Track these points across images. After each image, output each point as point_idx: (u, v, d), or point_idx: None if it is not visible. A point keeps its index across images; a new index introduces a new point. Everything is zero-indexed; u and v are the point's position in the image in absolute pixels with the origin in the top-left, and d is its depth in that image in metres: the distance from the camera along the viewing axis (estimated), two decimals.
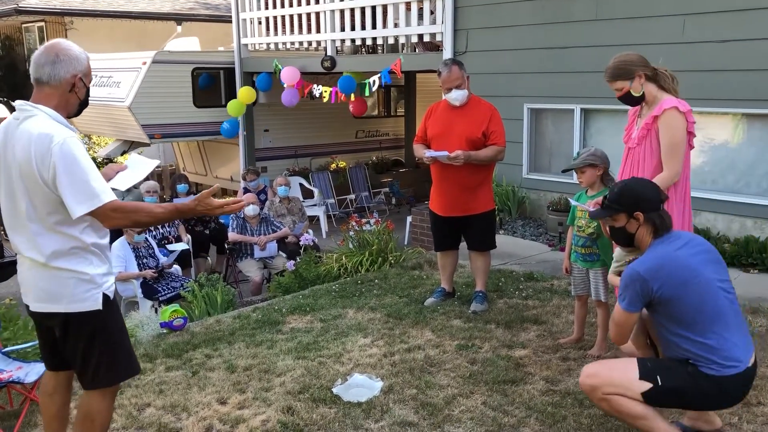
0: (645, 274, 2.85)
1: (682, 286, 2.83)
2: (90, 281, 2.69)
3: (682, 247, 2.94)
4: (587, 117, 7.62)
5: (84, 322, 2.71)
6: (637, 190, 3.08)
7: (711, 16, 6.45)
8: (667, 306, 2.87)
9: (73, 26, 15.51)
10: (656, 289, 2.83)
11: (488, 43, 8.27)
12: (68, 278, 2.68)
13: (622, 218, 3.05)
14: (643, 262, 2.91)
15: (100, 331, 2.74)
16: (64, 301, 2.68)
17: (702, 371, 2.83)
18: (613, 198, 3.09)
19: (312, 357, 4.35)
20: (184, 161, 13.80)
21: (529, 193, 8.10)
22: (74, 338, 2.74)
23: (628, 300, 2.89)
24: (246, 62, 11.70)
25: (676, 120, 3.52)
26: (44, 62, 2.66)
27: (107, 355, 2.76)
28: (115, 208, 2.62)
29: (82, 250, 2.68)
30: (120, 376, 2.87)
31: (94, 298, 2.70)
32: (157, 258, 7.10)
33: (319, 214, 10.99)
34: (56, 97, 2.69)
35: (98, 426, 2.83)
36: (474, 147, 4.88)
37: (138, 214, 2.72)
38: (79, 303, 2.69)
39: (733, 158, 6.53)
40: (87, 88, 2.78)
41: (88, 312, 2.70)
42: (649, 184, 3.15)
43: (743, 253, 5.99)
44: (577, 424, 3.40)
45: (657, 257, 2.92)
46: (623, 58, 3.66)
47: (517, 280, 5.89)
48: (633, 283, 2.88)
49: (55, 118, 2.66)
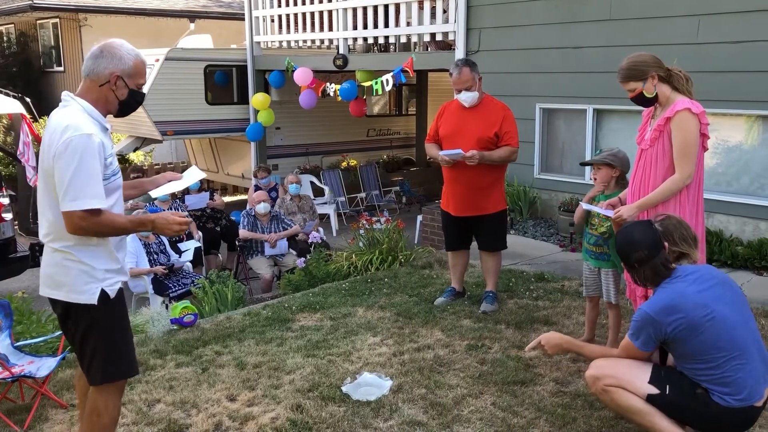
0: (656, 316, 2.82)
1: (696, 325, 2.78)
2: (90, 274, 2.70)
3: (692, 283, 2.87)
4: (600, 117, 7.58)
5: (80, 315, 2.73)
6: (635, 238, 2.99)
7: (726, 17, 6.40)
8: (683, 344, 2.83)
9: (87, 23, 15.60)
10: (669, 330, 2.80)
11: (501, 42, 8.25)
12: (71, 267, 2.70)
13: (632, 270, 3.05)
14: (654, 304, 2.87)
15: (95, 327, 2.74)
16: (64, 289, 2.71)
17: (712, 398, 2.80)
18: (620, 253, 3.10)
19: (321, 355, 4.35)
20: (196, 158, 13.86)
21: (540, 194, 8.07)
22: (72, 328, 2.78)
23: (643, 341, 2.89)
24: (258, 60, 11.72)
25: (689, 122, 3.49)
26: (90, 56, 2.73)
27: (100, 352, 2.75)
28: (82, 218, 2.58)
29: (88, 242, 2.70)
30: (109, 376, 2.79)
31: (92, 291, 2.70)
32: (169, 254, 7.13)
33: (329, 212, 11.00)
34: (94, 91, 2.73)
35: (105, 421, 2.83)
36: (485, 147, 4.86)
37: (101, 228, 2.65)
38: (76, 294, 2.70)
39: (747, 160, 6.48)
40: (130, 89, 2.77)
41: (84, 305, 2.71)
42: (638, 237, 2.99)
43: (756, 255, 5.95)
44: (587, 426, 3.38)
45: (666, 297, 2.87)
46: (636, 59, 3.63)
47: (527, 281, 5.87)
48: (645, 326, 2.85)
49: (88, 111, 2.69)
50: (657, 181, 3.56)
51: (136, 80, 2.79)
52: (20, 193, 10.27)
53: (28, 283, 7.64)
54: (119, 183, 2.80)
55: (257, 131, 11.49)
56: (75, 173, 2.55)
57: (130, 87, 2.77)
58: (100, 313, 2.73)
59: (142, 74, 2.82)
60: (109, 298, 2.75)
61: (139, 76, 2.80)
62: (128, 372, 2.86)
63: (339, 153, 13.23)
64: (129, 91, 2.78)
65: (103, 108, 2.75)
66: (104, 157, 2.66)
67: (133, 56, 2.77)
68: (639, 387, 2.90)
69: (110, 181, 2.71)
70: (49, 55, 16.86)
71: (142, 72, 2.81)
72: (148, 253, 6.92)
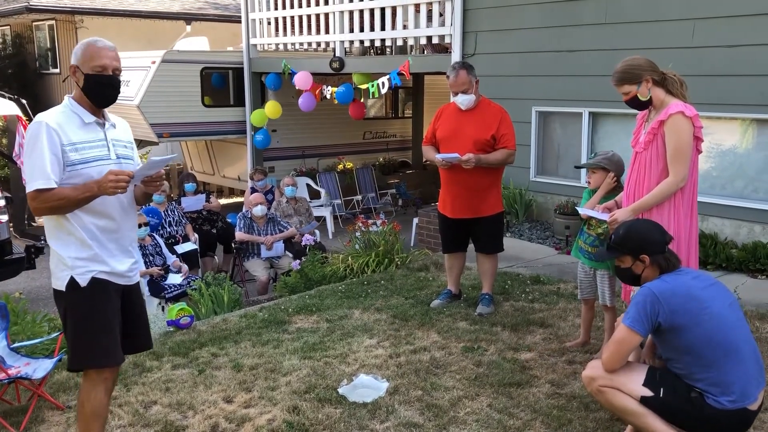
0: (659, 295, 2.84)
1: (694, 315, 2.81)
2: (61, 261, 2.83)
3: (694, 279, 2.93)
4: (595, 120, 7.61)
5: (58, 300, 2.90)
6: (641, 232, 3.07)
7: (720, 21, 6.43)
8: (677, 335, 2.84)
9: (83, 25, 15.57)
10: (668, 312, 2.81)
11: (497, 45, 8.27)
12: (52, 255, 2.89)
13: (627, 260, 3.07)
14: (658, 285, 2.90)
15: (68, 313, 2.87)
16: (52, 276, 2.92)
17: (707, 402, 2.81)
18: (617, 240, 3.09)
19: (318, 357, 4.36)
20: (192, 160, 13.85)
21: (536, 196, 8.09)
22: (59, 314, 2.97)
23: (633, 317, 2.86)
24: (255, 62, 11.73)
25: (682, 125, 3.51)
26: None
27: (72, 338, 2.87)
28: (33, 198, 2.74)
29: (60, 230, 2.83)
30: (74, 364, 2.89)
31: (62, 278, 2.83)
32: (165, 256, 7.13)
33: (325, 214, 11.01)
34: (74, 88, 2.90)
35: (86, 411, 2.89)
36: (482, 149, 4.88)
37: (51, 203, 2.73)
38: (54, 279, 2.89)
39: (741, 163, 6.51)
40: (85, 74, 2.81)
41: (57, 290, 2.88)
42: (653, 226, 3.14)
43: (751, 258, 5.98)
44: (583, 427, 3.40)
45: (671, 283, 2.90)
46: (631, 62, 3.65)
47: (523, 283, 5.89)
48: (644, 302, 2.85)
49: (70, 107, 2.86)
50: (652, 184, 3.57)
51: (89, 64, 2.82)
52: (15, 195, 10.26)
53: (24, 285, 7.63)
54: (93, 173, 2.79)
55: (265, 138, 11.49)
56: (27, 158, 2.75)
57: (85, 72, 2.82)
58: (71, 299, 2.83)
59: (95, 56, 2.82)
60: (79, 286, 2.81)
61: (92, 59, 2.82)
62: (101, 362, 2.88)
63: (335, 155, 13.24)
64: (84, 76, 2.82)
65: (84, 102, 2.87)
66: (61, 143, 2.74)
67: (85, 44, 2.86)
68: (633, 389, 2.92)
69: (77, 169, 2.77)
70: (45, 56, 16.82)
71: (93, 55, 2.82)
72: (144, 255, 6.92)
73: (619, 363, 2.95)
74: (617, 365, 2.95)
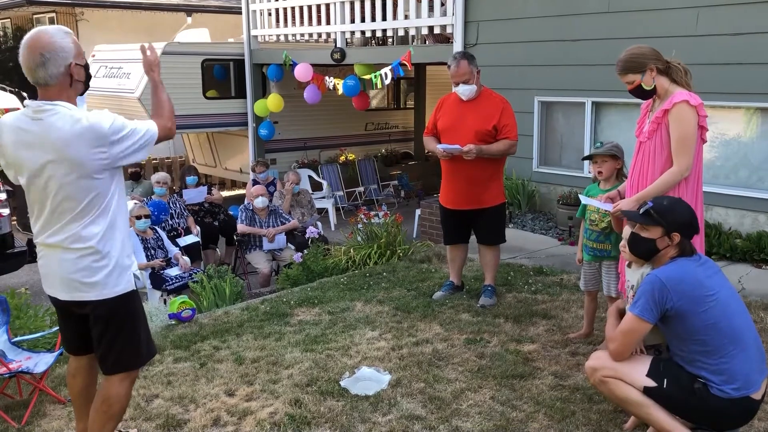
0: (666, 282, 2.80)
1: (700, 301, 2.79)
2: (119, 264, 2.85)
3: (700, 266, 2.90)
4: (598, 110, 7.56)
5: (118, 305, 2.89)
6: (685, 212, 2.98)
7: (725, 9, 6.37)
8: (682, 321, 2.81)
9: (84, 17, 15.54)
10: (675, 299, 2.78)
11: (499, 35, 8.22)
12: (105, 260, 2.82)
13: (656, 231, 2.92)
14: (665, 271, 2.86)
15: (136, 313, 2.94)
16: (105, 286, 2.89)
17: (711, 392, 2.80)
18: (659, 209, 2.94)
19: (320, 350, 4.34)
20: (193, 153, 13.82)
21: (539, 187, 8.06)
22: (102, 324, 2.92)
23: (642, 306, 2.83)
24: (256, 54, 11.68)
25: (687, 114, 3.48)
26: (34, 66, 2.62)
27: (137, 337, 2.92)
28: (168, 126, 3.11)
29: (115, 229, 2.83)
30: (144, 359, 3.00)
31: (127, 279, 2.90)
32: (166, 249, 7.12)
33: (327, 206, 10.98)
34: (64, 91, 2.69)
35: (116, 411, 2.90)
36: (484, 140, 4.84)
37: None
38: (113, 287, 2.86)
39: (746, 153, 6.46)
40: (81, 65, 2.73)
41: (122, 295, 2.89)
42: (693, 213, 3.04)
43: (755, 248, 5.94)
44: (586, 419, 3.38)
45: (678, 269, 2.87)
46: (635, 51, 3.61)
47: (526, 275, 5.87)
48: (652, 288, 2.82)
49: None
50: (656, 174, 3.54)
51: (82, 56, 2.76)
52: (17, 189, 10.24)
53: (26, 278, 7.62)
54: None
55: (270, 131, 11.45)
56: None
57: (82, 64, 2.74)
58: (134, 297, 2.90)
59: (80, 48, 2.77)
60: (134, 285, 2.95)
61: (82, 51, 2.77)
62: (155, 352, 3.08)
63: (337, 147, 13.19)
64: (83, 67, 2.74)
65: (75, 98, 2.77)
66: None
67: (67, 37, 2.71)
68: (636, 379, 2.90)
69: None
70: None
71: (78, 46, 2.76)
72: (146, 249, 6.90)
73: (628, 352, 2.95)
74: (626, 355, 2.95)
